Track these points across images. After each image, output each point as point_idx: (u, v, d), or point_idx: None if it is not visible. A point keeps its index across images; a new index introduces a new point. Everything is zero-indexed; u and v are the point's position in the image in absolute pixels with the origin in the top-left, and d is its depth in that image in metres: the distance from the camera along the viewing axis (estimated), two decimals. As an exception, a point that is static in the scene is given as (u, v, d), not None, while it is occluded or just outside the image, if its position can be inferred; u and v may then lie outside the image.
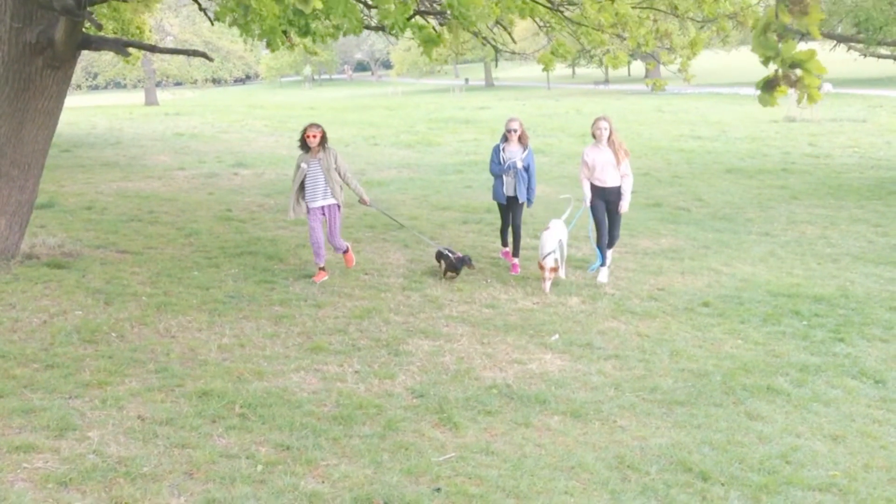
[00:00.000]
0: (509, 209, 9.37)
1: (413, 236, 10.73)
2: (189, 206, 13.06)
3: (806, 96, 2.72)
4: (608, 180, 8.86)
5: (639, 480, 4.78)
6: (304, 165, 8.51)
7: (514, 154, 9.18)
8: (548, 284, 8.53)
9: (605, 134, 8.77)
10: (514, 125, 9.23)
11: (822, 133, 24.00)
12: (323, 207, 8.60)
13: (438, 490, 4.56)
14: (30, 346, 6.49)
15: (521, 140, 9.22)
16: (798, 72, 2.66)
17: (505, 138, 9.30)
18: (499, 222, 9.88)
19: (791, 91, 2.73)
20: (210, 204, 13.28)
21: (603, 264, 9.02)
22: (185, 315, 7.43)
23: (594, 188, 8.94)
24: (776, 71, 2.69)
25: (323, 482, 4.61)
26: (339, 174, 8.58)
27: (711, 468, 4.91)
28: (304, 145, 8.52)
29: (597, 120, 8.97)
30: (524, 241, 9.68)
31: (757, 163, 18.79)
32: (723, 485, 4.75)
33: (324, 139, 8.49)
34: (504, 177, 9.19)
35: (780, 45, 2.64)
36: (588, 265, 9.44)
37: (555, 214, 12.68)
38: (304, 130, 8.49)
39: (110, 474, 4.54)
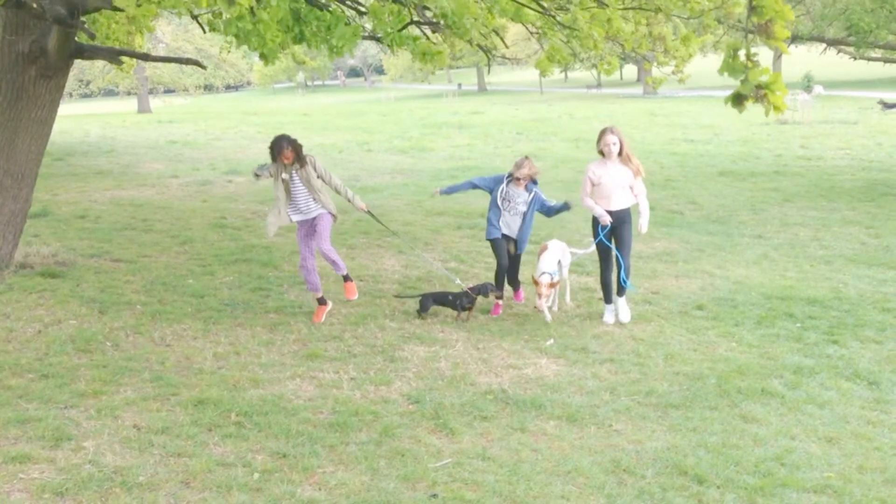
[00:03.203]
0: (506, 245, 8.14)
1: (409, 242, 10.75)
2: (183, 213, 13.05)
3: (772, 108, 2.84)
4: (615, 203, 7.66)
5: (635, 484, 4.79)
6: (285, 176, 7.54)
7: (517, 197, 8.01)
8: (543, 302, 7.62)
9: (615, 150, 7.57)
10: (523, 170, 7.88)
11: (813, 135, 24.10)
12: (308, 220, 7.72)
13: (435, 496, 4.56)
14: (24, 356, 6.49)
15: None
16: (763, 91, 2.77)
17: (509, 175, 8.04)
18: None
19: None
20: (204, 211, 13.27)
21: (621, 293, 7.79)
22: (180, 323, 7.43)
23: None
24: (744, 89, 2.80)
25: (320, 489, 4.62)
26: (325, 181, 7.69)
27: (707, 471, 4.93)
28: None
29: (603, 133, 7.65)
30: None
31: (749, 165, 18.86)
32: (718, 487, 4.77)
33: (298, 153, 7.49)
34: (503, 212, 8.01)
35: (747, 69, 2.76)
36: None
37: (552, 221, 12.72)
38: (275, 146, 7.47)
39: (106, 484, 4.53)
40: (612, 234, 7.78)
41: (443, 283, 8.78)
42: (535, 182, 8.09)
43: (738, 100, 2.80)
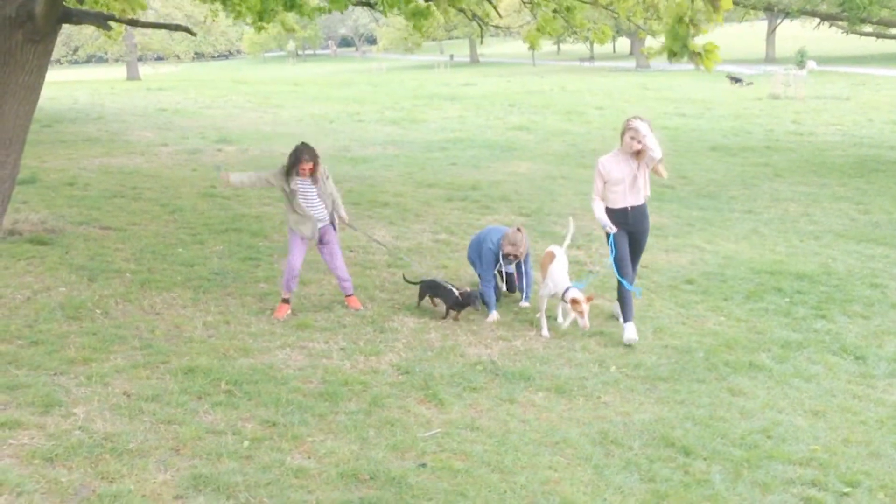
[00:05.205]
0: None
1: (399, 213, 10.74)
2: (173, 182, 12.97)
3: (703, 65, 3.06)
4: (629, 199, 6.78)
5: (622, 455, 4.83)
6: (295, 187, 6.90)
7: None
8: (587, 319, 6.58)
9: (636, 146, 6.64)
10: (520, 248, 7.19)
11: (805, 111, 24.10)
12: (320, 230, 7.11)
13: (424, 465, 4.59)
14: (14, 322, 6.47)
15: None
16: (698, 55, 2.96)
17: (503, 256, 7.30)
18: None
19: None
20: (194, 180, 13.20)
21: (627, 319, 6.75)
22: (170, 292, 7.41)
23: (610, 212, 6.79)
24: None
25: (309, 458, 4.64)
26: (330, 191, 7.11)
27: (694, 443, 4.97)
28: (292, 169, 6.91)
29: (629, 120, 6.68)
30: None
31: (741, 140, 18.85)
32: (705, 459, 4.81)
33: (316, 164, 6.91)
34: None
35: (689, 36, 2.93)
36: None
37: (543, 194, 12.71)
38: (294, 158, 6.83)
39: (96, 450, 4.54)
40: (629, 240, 6.89)
41: (433, 255, 8.79)
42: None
43: (672, 55, 2.95)
